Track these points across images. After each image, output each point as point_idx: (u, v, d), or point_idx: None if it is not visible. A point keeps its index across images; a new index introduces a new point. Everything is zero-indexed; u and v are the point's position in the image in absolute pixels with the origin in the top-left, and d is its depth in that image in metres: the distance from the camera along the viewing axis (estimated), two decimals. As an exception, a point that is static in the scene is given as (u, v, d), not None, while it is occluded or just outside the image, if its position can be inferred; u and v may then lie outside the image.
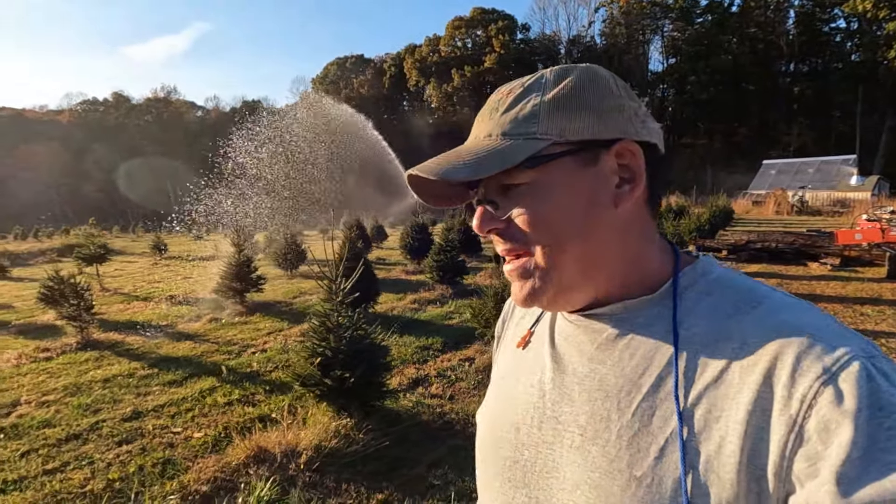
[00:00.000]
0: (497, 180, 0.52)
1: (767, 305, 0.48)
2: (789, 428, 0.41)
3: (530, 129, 0.51)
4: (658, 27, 53.08)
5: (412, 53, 60.19)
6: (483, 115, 0.55)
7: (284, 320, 6.61)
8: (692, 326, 0.50)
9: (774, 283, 5.55)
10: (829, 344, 0.42)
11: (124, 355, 5.31)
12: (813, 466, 0.39)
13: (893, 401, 0.39)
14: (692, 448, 0.45)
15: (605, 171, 0.52)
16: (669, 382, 0.48)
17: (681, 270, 0.55)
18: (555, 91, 0.53)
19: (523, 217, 0.52)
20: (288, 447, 2.92)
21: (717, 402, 0.45)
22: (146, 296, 9.27)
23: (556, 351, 0.60)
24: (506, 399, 0.63)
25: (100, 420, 3.61)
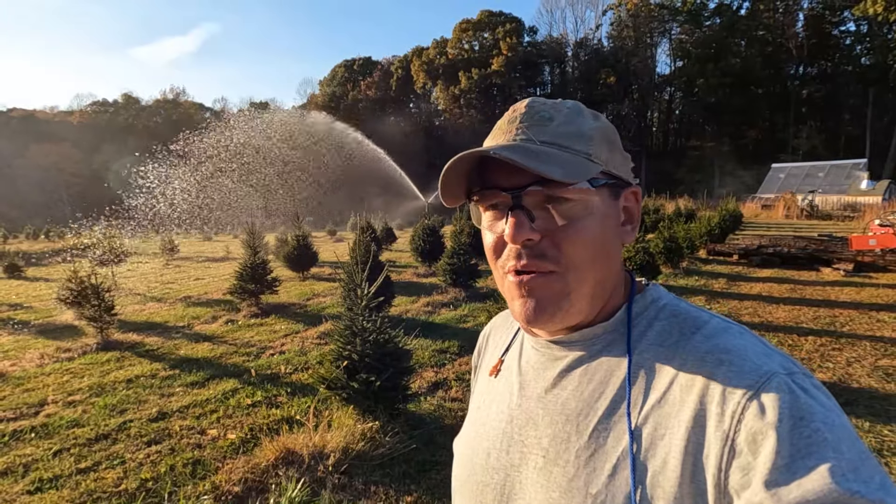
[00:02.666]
0: (546, 191, 0.52)
1: (705, 331, 0.52)
2: (723, 442, 0.44)
3: (587, 150, 0.53)
4: (666, 30, 52.92)
5: (419, 56, 60.33)
6: (528, 119, 0.55)
7: (300, 322, 6.67)
8: (643, 352, 0.54)
9: (787, 289, 5.55)
10: (754, 363, 0.47)
11: (145, 356, 5.39)
12: (745, 477, 0.42)
13: (812, 411, 0.42)
14: (641, 465, 0.48)
15: (619, 208, 0.57)
16: (622, 404, 0.52)
17: (633, 298, 0.58)
18: (599, 123, 0.56)
19: (567, 235, 0.53)
20: (315, 449, 2.97)
21: (662, 420, 0.49)
22: (161, 296, 9.36)
23: (523, 377, 0.62)
24: (479, 426, 0.65)
25: (127, 420, 3.68)
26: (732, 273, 9.03)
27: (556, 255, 0.53)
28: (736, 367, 0.47)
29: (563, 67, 59.71)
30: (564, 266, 0.53)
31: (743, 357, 0.48)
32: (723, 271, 9.22)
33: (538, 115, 0.55)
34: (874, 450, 2.95)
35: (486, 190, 0.56)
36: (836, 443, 0.40)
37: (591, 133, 0.54)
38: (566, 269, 0.53)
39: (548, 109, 0.55)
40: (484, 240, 0.59)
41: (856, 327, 5.46)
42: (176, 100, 74.74)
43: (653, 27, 52.89)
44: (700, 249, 11.06)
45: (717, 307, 6.53)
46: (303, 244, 10.71)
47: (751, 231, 16.53)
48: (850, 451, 0.40)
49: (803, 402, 0.43)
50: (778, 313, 6.15)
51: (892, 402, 3.60)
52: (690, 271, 9.15)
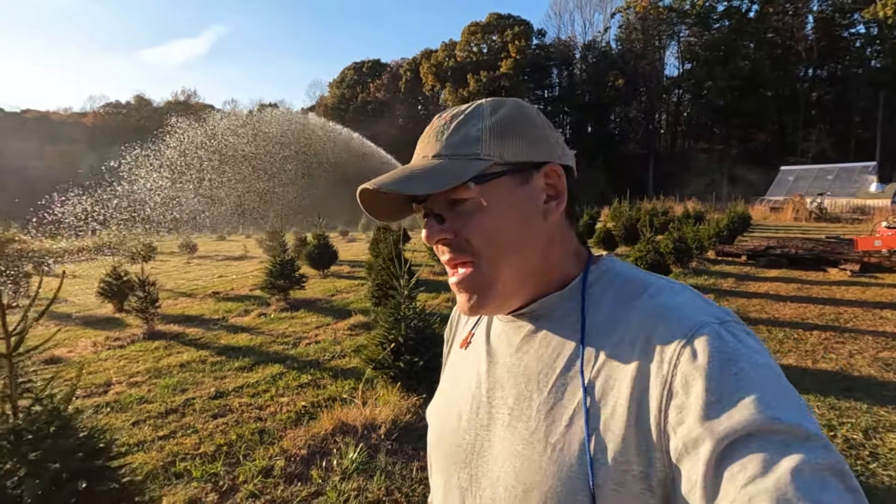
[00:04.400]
0: (444, 196, 0.58)
1: (650, 291, 0.58)
2: (662, 387, 0.49)
3: (474, 150, 0.58)
4: (675, 32, 53.05)
5: (428, 58, 60.80)
6: (429, 137, 0.61)
7: (328, 316, 7.05)
8: (596, 314, 0.59)
9: (794, 289, 5.92)
10: (689, 316, 0.52)
11: (189, 345, 5.79)
12: (680, 415, 0.47)
13: (739, 353, 0.47)
14: (594, 415, 0.52)
15: (536, 189, 0.61)
16: (577, 362, 0.57)
17: (589, 269, 0.64)
18: (493, 119, 0.60)
19: (470, 229, 0.58)
20: (367, 421, 3.33)
21: (612, 373, 0.54)
22: (190, 292, 9.79)
23: (490, 346, 0.68)
24: (451, 394, 0.71)
25: (189, 398, 4.07)
26: (741, 273, 9.32)
27: (468, 247, 0.59)
28: (674, 319, 0.52)
29: (571, 70, 59.94)
30: (478, 255, 0.59)
31: (680, 310, 0.53)
32: (731, 271, 9.51)
33: (434, 131, 0.61)
34: (871, 427, 3.27)
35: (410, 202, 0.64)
36: (760, 380, 0.45)
37: (477, 134, 0.59)
38: (480, 259, 0.59)
39: (444, 123, 0.61)
40: None
41: (859, 323, 5.75)
42: (187, 101, 75.72)
43: (661, 30, 53.07)
44: (709, 250, 11.34)
45: (726, 304, 6.80)
46: (323, 243, 11.11)
47: (759, 233, 16.75)
48: (772, 387, 0.45)
49: (731, 346, 0.48)
50: (785, 310, 6.45)
51: (889, 388, 3.91)
52: (700, 271, 9.44)
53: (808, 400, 3.66)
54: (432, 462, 0.71)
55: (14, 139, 61.68)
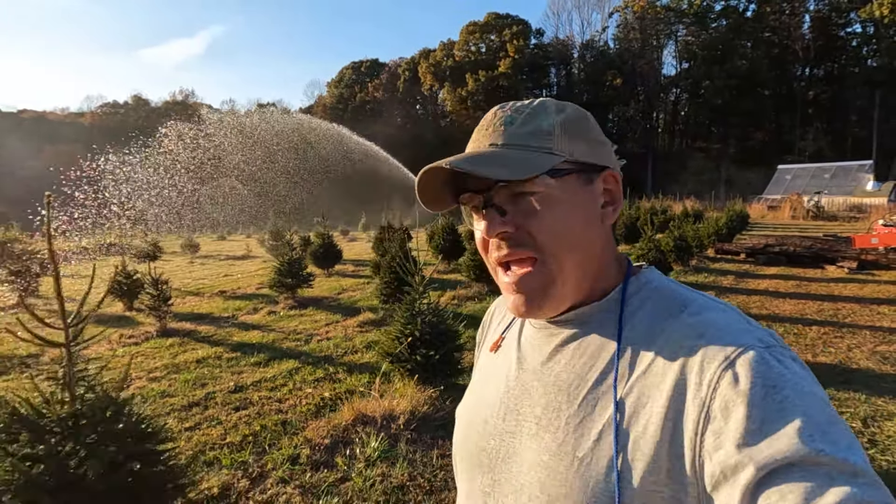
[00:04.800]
0: (510, 188, 0.57)
1: (692, 308, 0.56)
2: (700, 409, 0.47)
3: (547, 145, 0.57)
4: (672, 32, 53.29)
5: (426, 58, 60.89)
6: (493, 126, 0.60)
7: (337, 313, 7.17)
8: (634, 328, 0.57)
9: (793, 285, 6.08)
10: (732, 337, 0.50)
11: (203, 341, 5.90)
12: (718, 440, 0.45)
13: (784, 379, 0.45)
14: (623, 431, 0.51)
15: (596, 192, 0.61)
16: (610, 376, 0.55)
17: (628, 280, 0.62)
18: (562, 117, 0.60)
19: (537, 223, 0.57)
20: (385, 412, 3.46)
21: (646, 390, 0.52)
22: (196, 291, 9.89)
23: (521, 352, 0.67)
24: (479, 397, 0.71)
25: (210, 392, 4.19)
26: (740, 271, 9.47)
27: (531, 242, 0.57)
28: (715, 339, 0.50)
29: (569, 69, 60.12)
30: (541, 251, 0.57)
31: (722, 330, 0.51)
32: (731, 269, 9.66)
33: (501, 120, 0.60)
34: (869, 416, 3.41)
35: (464, 194, 0.62)
36: (806, 408, 0.43)
37: (549, 128, 0.58)
38: (544, 255, 0.58)
39: (510, 113, 0.60)
40: (476, 237, 0.64)
41: (857, 319, 5.90)
42: (185, 101, 75.64)
43: (659, 29, 53.29)
44: (709, 248, 11.50)
45: (727, 301, 6.98)
46: (328, 242, 11.23)
47: (757, 231, 16.93)
48: (818, 416, 0.43)
49: (776, 372, 0.46)
50: (784, 306, 6.60)
51: (886, 380, 4.05)
52: (700, 269, 9.59)
53: (809, 391, 3.80)
54: (457, 462, 0.71)
55: (10, 139, 61.49)
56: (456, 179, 0.62)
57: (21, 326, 2.07)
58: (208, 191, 19.72)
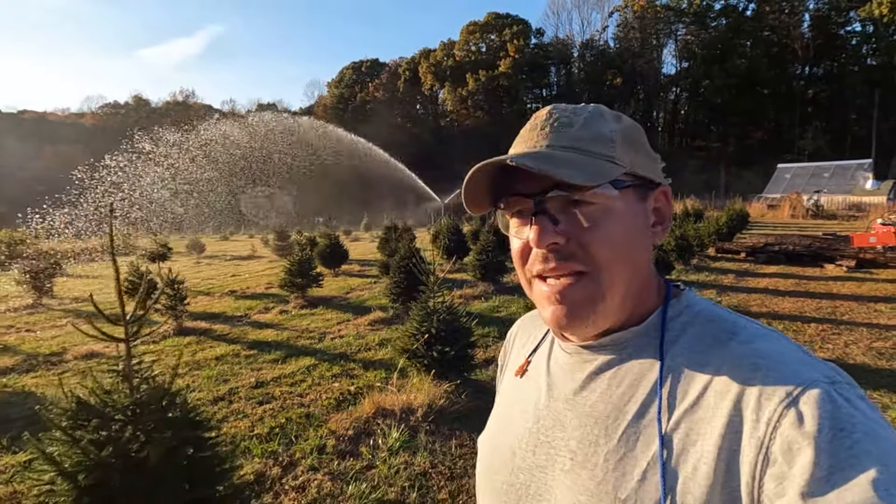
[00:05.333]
0: (566, 196, 0.53)
1: (742, 336, 0.52)
2: (757, 450, 0.43)
3: (609, 153, 0.54)
4: (672, 31, 53.50)
5: (427, 57, 61.07)
6: (548, 125, 0.56)
7: (347, 312, 7.34)
8: (676, 356, 0.53)
9: (792, 284, 6.31)
10: (793, 370, 0.46)
11: (219, 340, 6.08)
12: (780, 486, 0.41)
13: (854, 421, 0.41)
14: (671, 471, 0.47)
15: (648, 209, 0.58)
16: (653, 408, 0.51)
17: (668, 303, 0.58)
18: (621, 125, 0.57)
19: (593, 236, 0.53)
20: (404, 405, 3.64)
21: (695, 426, 0.48)
22: (206, 291, 10.07)
23: (551, 379, 0.63)
24: (504, 425, 0.66)
25: (232, 387, 4.36)
26: (740, 269, 9.65)
27: (584, 256, 0.53)
28: (774, 372, 0.46)
29: (569, 69, 60.27)
30: (594, 266, 0.53)
31: (782, 363, 0.47)
32: (731, 268, 9.84)
33: (558, 121, 0.56)
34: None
35: (510, 197, 0.57)
36: (881, 455, 0.39)
37: (611, 136, 0.55)
38: (596, 270, 0.53)
39: (568, 115, 0.56)
40: (511, 245, 0.60)
41: (855, 316, 6.08)
42: (186, 101, 75.79)
43: (659, 28, 53.49)
44: (709, 247, 11.68)
45: (727, 299, 7.16)
46: (334, 243, 11.41)
47: (757, 230, 17.10)
48: (894, 465, 0.39)
49: (845, 413, 0.42)
50: (783, 304, 6.78)
51: (881, 375, 4.23)
52: (701, 268, 9.77)
53: (807, 385, 3.98)
54: (481, 496, 0.67)
55: (11, 140, 61.62)
56: (502, 180, 0.58)
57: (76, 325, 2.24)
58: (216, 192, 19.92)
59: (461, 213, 26.36)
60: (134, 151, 13.20)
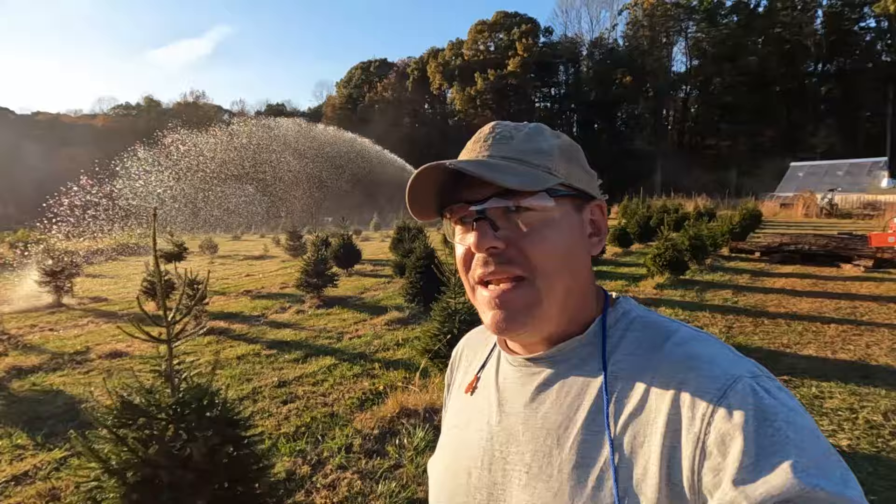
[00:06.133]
0: (507, 202, 0.56)
1: (675, 339, 0.55)
2: (695, 445, 0.46)
3: (547, 164, 0.57)
4: (682, 29, 53.13)
5: (435, 57, 61.12)
6: (490, 138, 0.59)
7: (363, 312, 7.40)
8: (618, 362, 0.56)
9: (809, 284, 6.27)
10: (722, 369, 0.49)
11: (239, 339, 6.16)
12: (717, 477, 0.44)
13: (775, 411, 0.45)
14: (624, 475, 0.49)
15: (585, 220, 0.61)
16: (601, 415, 0.53)
17: (607, 311, 0.61)
18: (559, 141, 0.61)
19: (530, 241, 0.55)
20: (427, 405, 3.68)
21: (641, 428, 0.50)
22: (222, 290, 10.17)
23: (501, 394, 0.63)
24: (459, 446, 0.65)
25: (256, 387, 4.43)
26: (756, 269, 9.59)
27: (522, 261, 0.55)
28: (705, 372, 0.50)
29: (577, 67, 60.07)
30: (532, 271, 0.55)
31: (712, 363, 0.51)
32: (746, 267, 9.78)
33: (500, 134, 0.59)
34: (889, 409, 3.57)
35: (454, 205, 0.59)
36: (799, 441, 0.43)
37: (549, 149, 0.58)
38: (534, 275, 0.56)
39: (509, 130, 0.59)
40: (455, 253, 0.62)
41: (875, 317, 6.03)
42: (196, 102, 76.44)
43: (669, 26, 53.12)
44: (723, 247, 11.61)
45: (744, 300, 7.12)
46: (347, 243, 11.48)
47: (770, 230, 16.95)
48: (812, 448, 0.43)
49: (767, 403, 0.46)
50: (801, 305, 6.73)
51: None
52: (715, 268, 9.72)
53: (830, 387, 3.97)
54: None
55: (25, 142, 62.51)
56: (448, 188, 0.60)
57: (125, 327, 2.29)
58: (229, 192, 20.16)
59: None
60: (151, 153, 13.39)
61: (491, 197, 0.56)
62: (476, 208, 0.57)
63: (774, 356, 4.77)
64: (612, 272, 9.78)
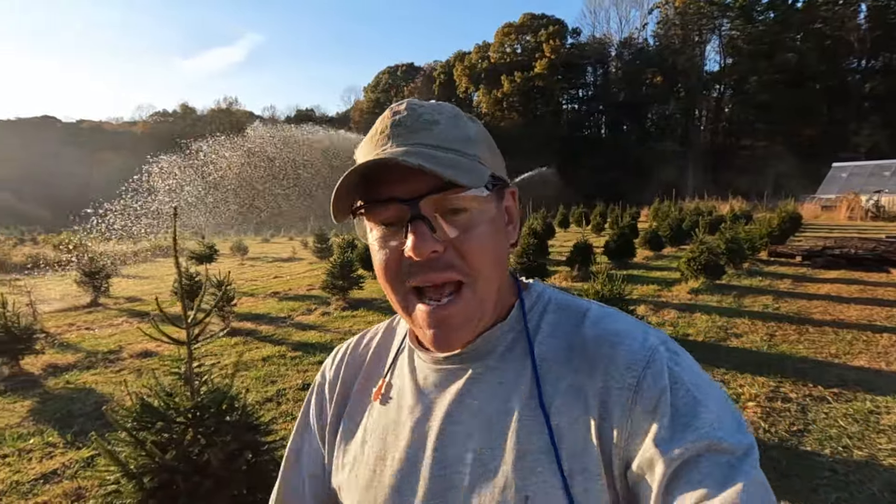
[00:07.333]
0: (440, 201, 0.50)
1: (591, 317, 0.56)
2: (624, 415, 0.48)
3: (475, 153, 0.53)
4: (716, 27, 51.63)
5: (461, 60, 61.19)
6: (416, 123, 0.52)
7: (388, 314, 7.31)
8: (541, 344, 0.55)
9: (857, 290, 5.91)
10: (639, 342, 0.52)
11: (265, 340, 6.19)
12: (643, 441, 0.47)
13: (682, 376, 0.49)
14: (566, 453, 0.49)
15: (503, 209, 0.57)
16: (534, 399, 0.52)
17: (522, 296, 0.60)
18: (476, 126, 0.57)
19: (471, 243, 0.51)
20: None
21: (574, 405, 0.51)
22: (250, 292, 10.32)
23: (426, 397, 0.58)
24: (378, 463, 0.58)
25: (280, 389, 4.41)
26: (797, 274, 9.12)
27: (461, 264, 0.51)
28: (626, 347, 0.51)
29: (606, 68, 59.14)
30: (471, 274, 0.52)
31: (630, 336, 0.53)
32: (787, 272, 9.31)
33: (421, 118, 0.53)
34: (954, 428, 3.28)
35: (377, 203, 0.51)
36: (705, 399, 0.47)
37: (475, 137, 0.54)
38: (473, 278, 0.52)
39: (430, 112, 0.54)
40: (374, 258, 0.55)
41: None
42: (229, 108, 78.63)
43: (702, 24, 51.73)
44: (761, 251, 11.12)
45: (786, 306, 6.75)
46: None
47: (812, 233, 16.21)
48: (715, 405, 0.47)
49: (677, 370, 0.49)
50: (849, 312, 6.33)
51: (970, 390, 3.87)
52: (753, 272, 9.30)
53: (887, 401, 3.68)
54: None
55: (69, 148, 65.50)
56: (362, 185, 0.52)
57: (146, 328, 2.27)
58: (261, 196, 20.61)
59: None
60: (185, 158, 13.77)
61: (426, 194, 0.50)
62: (410, 207, 0.50)
63: (821, 366, 4.48)
64: (643, 276, 9.47)
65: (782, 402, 3.74)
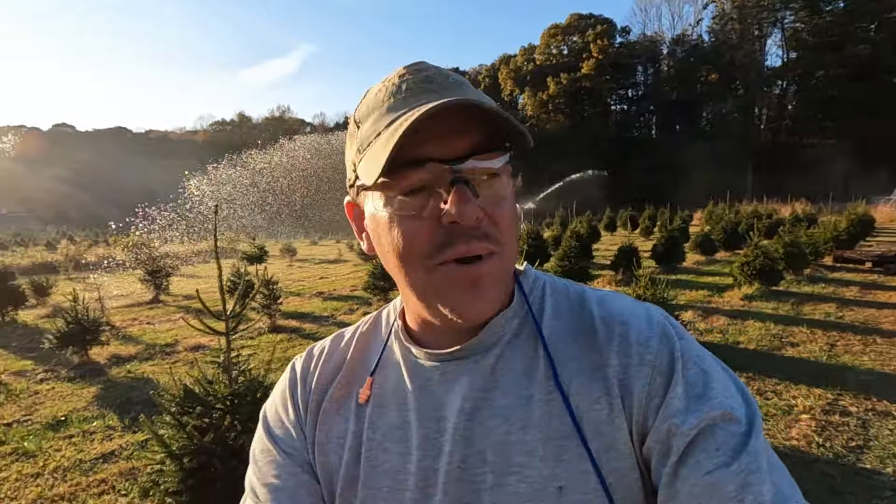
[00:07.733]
0: (480, 163, 0.46)
1: (594, 299, 0.56)
2: (642, 389, 0.48)
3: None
4: (778, 19, 48.79)
5: (507, 63, 60.94)
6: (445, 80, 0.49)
7: (427, 316, 7.42)
8: (548, 326, 0.54)
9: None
10: (646, 319, 0.52)
11: (309, 338, 6.40)
12: (664, 413, 0.47)
13: (688, 351, 0.50)
14: (592, 438, 0.48)
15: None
16: (551, 383, 0.50)
17: (519, 280, 0.58)
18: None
19: (502, 210, 0.48)
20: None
21: (592, 385, 0.50)
22: (297, 292, 10.69)
23: (434, 397, 0.54)
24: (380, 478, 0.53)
25: (319, 384, 4.55)
26: (866, 281, 8.45)
27: (495, 233, 0.48)
28: (634, 325, 0.51)
29: (657, 67, 57.19)
30: (501, 245, 0.48)
31: (637, 315, 0.53)
32: (854, 279, 8.65)
33: (449, 77, 0.50)
34: None
35: (407, 166, 0.45)
36: (711, 371, 0.49)
37: (488, 102, 0.47)
38: (503, 250, 0.49)
39: (451, 74, 0.51)
40: (386, 237, 0.48)
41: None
42: (282, 117, 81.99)
43: (762, 17, 49.04)
44: (825, 256, 10.38)
45: (851, 315, 6.27)
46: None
47: (885, 237, 14.99)
48: (718, 377, 0.49)
49: (683, 344, 0.50)
50: (925, 322, 5.81)
51: None
52: (815, 278, 8.69)
53: (964, 418, 3.36)
54: None
55: (139, 157, 70.31)
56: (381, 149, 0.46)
57: (186, 319, 2.42)
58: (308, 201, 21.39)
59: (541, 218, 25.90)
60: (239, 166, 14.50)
61: (470, 155, 0.46)
62: (453, 168, 0.45)
63: (888, 379, 4.13)
64: (693, 281, 9.07)
65: (840, 416, 3.49)
